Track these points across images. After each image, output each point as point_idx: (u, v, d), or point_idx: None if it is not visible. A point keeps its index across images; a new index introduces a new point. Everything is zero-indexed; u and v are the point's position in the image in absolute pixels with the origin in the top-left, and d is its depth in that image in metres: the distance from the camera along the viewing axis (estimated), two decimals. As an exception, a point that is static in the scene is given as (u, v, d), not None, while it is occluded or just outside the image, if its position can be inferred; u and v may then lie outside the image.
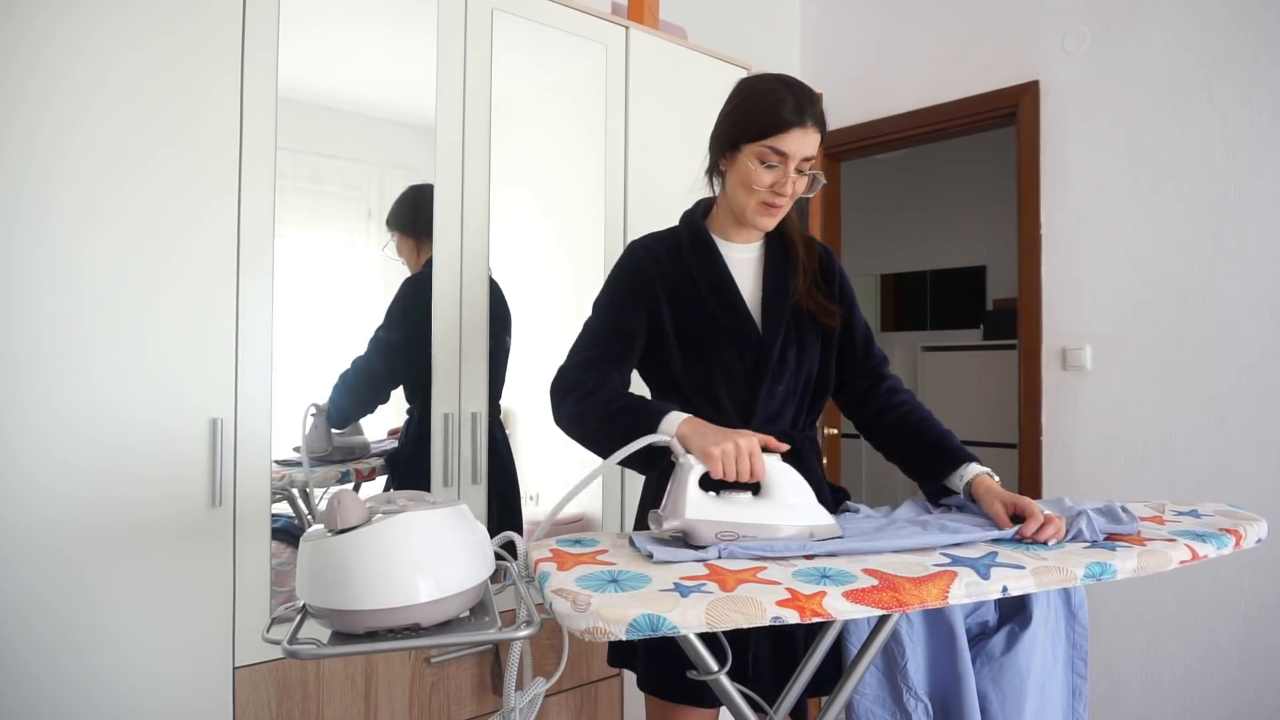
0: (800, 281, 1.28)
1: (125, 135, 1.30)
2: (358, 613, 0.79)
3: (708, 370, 1.24)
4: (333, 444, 1.58)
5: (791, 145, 1.18)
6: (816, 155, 1.21)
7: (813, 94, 1.21)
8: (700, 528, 0.96)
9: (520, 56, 1.80)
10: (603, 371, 1.20)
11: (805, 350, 1.27)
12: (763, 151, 1.19)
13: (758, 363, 1.24)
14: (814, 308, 1.28)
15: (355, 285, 1.64)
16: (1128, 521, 1.01)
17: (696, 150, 1.36)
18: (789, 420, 1.28)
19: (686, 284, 1.26)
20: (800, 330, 1.27)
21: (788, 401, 1.27)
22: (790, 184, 1.20)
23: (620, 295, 1.27)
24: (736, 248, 1.30)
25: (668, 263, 1.27)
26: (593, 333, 1.27)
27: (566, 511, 1.94)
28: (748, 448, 1.00)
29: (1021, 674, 1.11)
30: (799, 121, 1.17)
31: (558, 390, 1.21)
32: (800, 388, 1.28)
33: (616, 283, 1.29)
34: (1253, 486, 2.01)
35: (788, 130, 1.17)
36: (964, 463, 1.17)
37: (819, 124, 1.20)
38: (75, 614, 1.26)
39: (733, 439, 1.00)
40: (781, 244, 1.31)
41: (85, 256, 1.27)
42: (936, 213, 4.76)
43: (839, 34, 2.94)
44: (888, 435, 1.29)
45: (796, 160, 1.19)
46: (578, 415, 1.17)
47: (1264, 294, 2.02)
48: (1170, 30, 2.16)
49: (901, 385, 1.33)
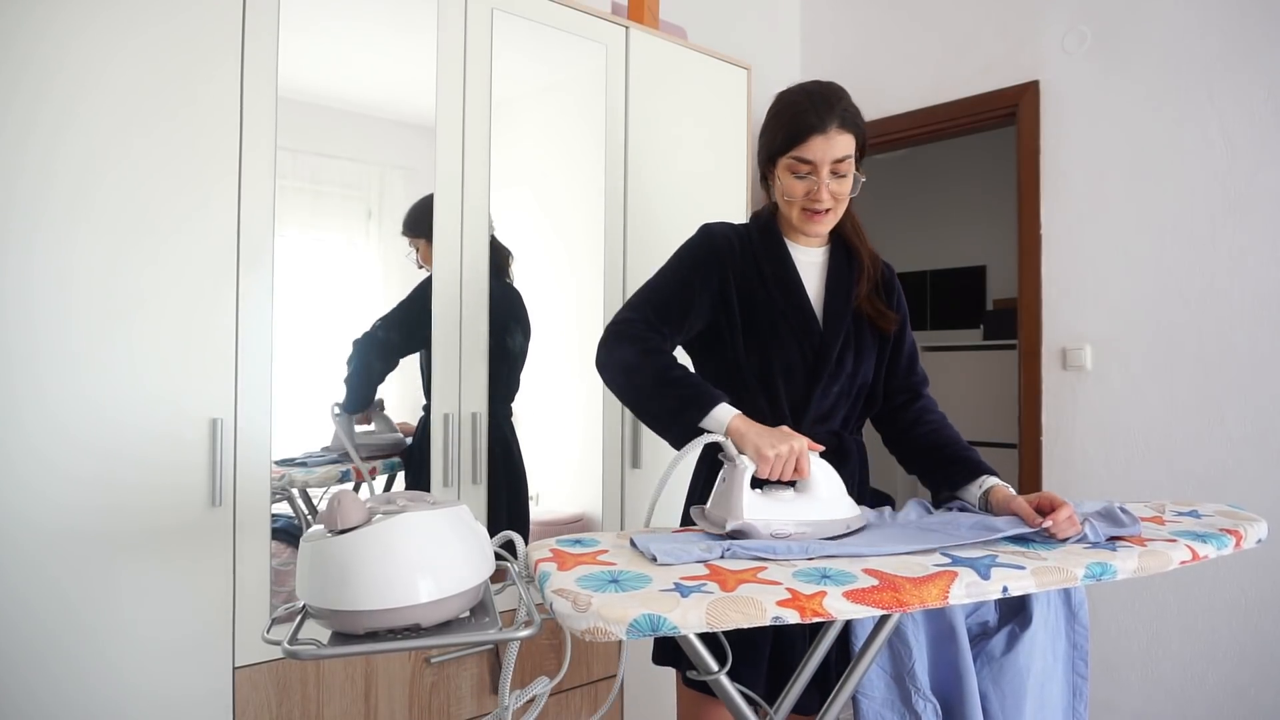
0: (862, 288, 1.30)
1: (124, 134, 1.30)
2: (358, 613, 0.78)
3: (768, 362, 1.26)
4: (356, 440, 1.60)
5: (815, 152, 1.20)
6: (851, 155, 1.22)
7: (836, 97, 1.22)
8: (757, 527, 1.00)
9: (520, 56, 1.80)
10: (662, 336, 1.22)
11: (862, 355, 1.30)
12: (791, 163, 1.22)
13: (817, 360, 1.26)
14: (873, 313, 1.31)
15: (355, 285, 1.64)
16: (1129, 523, 1.01)
17: (696, 150, 1.36)
18: (839, 421, 1.30)
19: (755, 275, 1.28)
20: (859, 336, 1.30)
21: (840, 403, 1.29)
22: (824, 189, 1.22)
23: (689, 265, 1.28)
24: (802, 250, 1.33)
25: (740, 250, 1.30)
26: (656, 293, 1.27)
27: (566, 511, 1.95)
28: (799, 450, 1.05)
29: (1022, 674, 1.11)
30: (819, 128, 1.19)
31: (615, 336, 1.21)
32: (854, 391, 1.30)
33: (689, 253, 1.30)
34: (1253, 486, 2.01)
35: (808, 139, 1.19)
36: (984, 475, 1.18)
37: (846, 124, 1.21)
38: (75, 614, 1.26)
39: (788, 442, 1.04)
40: (846, 251, 1.34)
41: (85, 257, 1.27)
42: (936, 213, 4.76)
43: (839, 34, 2.94)
44: (913, 448, 1.31)
45: (826, 165, 1.21)
46: (632, 366, 1.18)
47: (1264, 294, 2.01)
48: (1170, 30, 2.16)
49: (936, 407, 1.35)
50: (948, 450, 1.25)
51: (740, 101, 2.25)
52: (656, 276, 1.30)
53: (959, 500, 1.20)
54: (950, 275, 4.77)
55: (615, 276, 1.96)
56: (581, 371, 1.96)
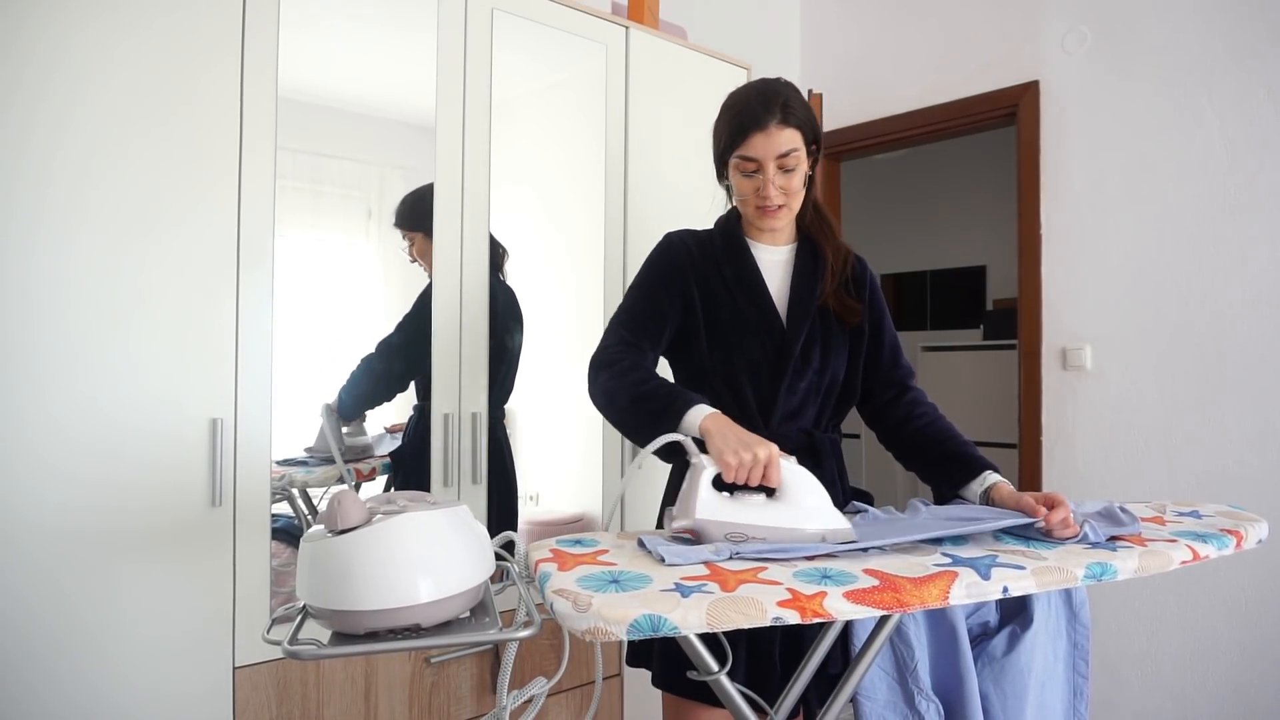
0: (827, 283, 1.30)
1: (123, 134, 1.30)
2: (358, 613, 0.79)
3: (731, 360, 1.26)
4: (344, 443, 1.59)
5: (757, 149, 1.21)
6: (797, 149, 1.21)
7: (775, 93, 1.22)
8: (710, 528, 0.97)
9: (520, 56, 1.80)
10: (640, 351, 1.24)
11: (830, 351, 1.29)
12: (738, 162, 1.24)
13: (779, 356, 1.26)
14: (837, 307, 1.30)
15: (355, 285, 1.64)
16: (1128, 522, 1.01)
17: (696, 150, 1.37)
18: (811, 419, 1.30)
19: (716, 277, 1.29)
20: (826, 331, 1.29)
21: (809, 399, 1.29)
22: (770, 185, 1.22)
23: (655, 279, 1.31)
24: (766, 249, 1.33)
25: (701, 255, 1.31)
26: (628, 313, 1.30)
27: (566, 511, 1.94)
28: (765, 458, 1.00)
29: (1023, 675, 1.11)
30: (758, 125, 1.19)
31: (595, 365, 1.24)
32: (824, 387, 1.30)
33: (652, 268, 1.33)
34: (1253, 486, 2.01)
35: (749, 136, 1.20)
36: (985, 470, 1.18)
37: (788, 119, 1.20)
38: (76, 614, 1.26)
39: (752, 449, 1.00)
40: (812, 249, 1.34)
41: (85, 256, 1.27)
42: (936, 213, 4.76)
43: (839, 34, 2.94)
44: (908, 443, 1.30)
45: (771, 161, 1.21)
46: (611, 391, 1.19)
47: (1264, 294, 2.02)
48: (1170, 30, 2.16)
49: (925, 398, 1.35)
50: (946, 445, 1.24)
51: (740, 101, 2.25)
52: (627, 295, 1.33)
53: (960, 499, 1.19)
54: (950, 275, 4.77)
55: (615, 276, 1.96)
56: (581, 371, 1.95)
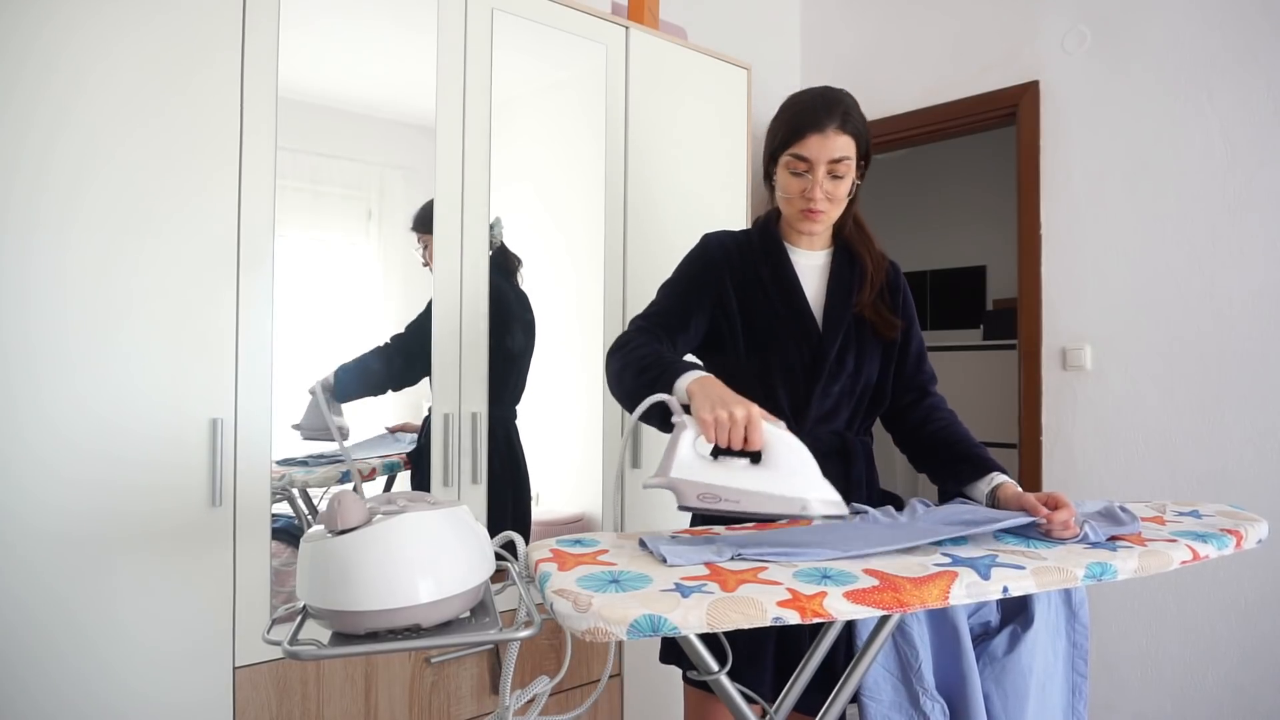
0: (865, 293, 1.31)
1: (123, 133, 1.30)
2: (358, 613, 0.78)
3: (766, 363, 1.28)
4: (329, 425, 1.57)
5: (811, 150, 1.23)
6: (849, 157, 1.24)
7: (840, 99, 1.25)
8: (683, 487, 0.96)
9: (520, 56, 1.80)
10: (655, 336, 1.23)
11: (864, 356, 1.30)
12: (790, 160, 1.25)
13: (815, 360, 1.27)
14: (876, 320, 1.31)
15: (355, 285, 1.64)
16: (1128, 521, 1.01)
17: (696, 150, 1.37)
18: (843, 422, 1.31)
19: (754, 280, 1.31)
20: (860, 337, 1.30)
21: (843, 403, 1.30)
22: (818, 188, 1.24)
23: (687, 279, 1.32)
24: (804, 254, 1.34)
25: (739, 258, 1.32)
26: (654, 304, 1.32)
27: (566, 511, 1.95)
28: (744, 418, 0.98)
29: (1024, 674, 1.11)
30: (816, 127, 1.22)
31: (610, 352, 1.23)
32: (857, 392, 1.31)
33: (687, 268, 1.34)
34: (1253, 486, 2.01)
35: (805, 137, 1.22)
36: (992, 471, 1.18)
37: (845, 127, 1.23)
38: (75, 616, 1.26)
39: (729, 408, 0.99)
40: (849, 256, 1.35)
41: (84, 257, 1.27)
42: (936, 213, 4.76)
43: (839, 34, 2.94)
44: (922, 446, 1.31)
45: (822, 165, 1.23)
46: (618, 370, 1.19)
47: (1264, 294, 2.01)
48: (1170, 30, 2.16)
49: (945, 404, 1.36)
50: (957, 447, 1.25)
51: (740, 101, 2.25)
52: (658, 292, 1.34)
53: (964, 498, 1.19)
54: (950, 275, 4.77)
55: (615, 276, 1.96)
56: (582, 371, 1.96)
